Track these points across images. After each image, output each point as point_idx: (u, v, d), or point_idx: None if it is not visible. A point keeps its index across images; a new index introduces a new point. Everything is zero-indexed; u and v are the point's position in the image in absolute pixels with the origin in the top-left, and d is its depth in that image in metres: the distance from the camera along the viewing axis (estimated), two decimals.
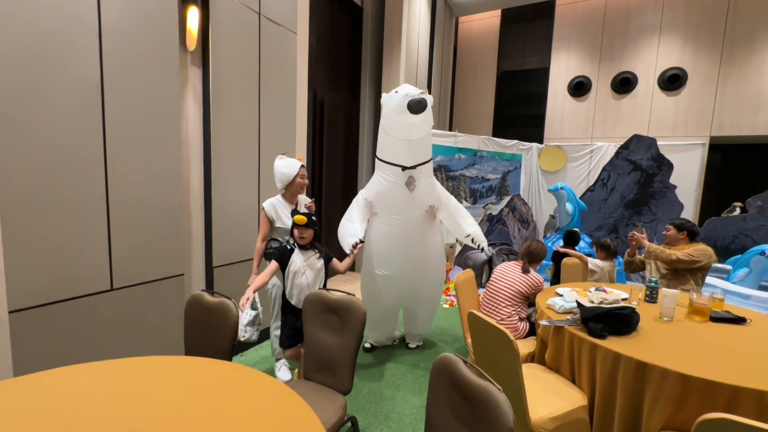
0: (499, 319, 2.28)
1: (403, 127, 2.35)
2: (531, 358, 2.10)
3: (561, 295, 2.05)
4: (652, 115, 5.76)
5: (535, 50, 6.68)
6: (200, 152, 2.45)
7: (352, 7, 4.63)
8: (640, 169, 5.25)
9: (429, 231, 2.64)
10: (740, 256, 4.42)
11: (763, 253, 4.14)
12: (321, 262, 2.07)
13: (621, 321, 1.68)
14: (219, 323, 1.59)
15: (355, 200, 2.68)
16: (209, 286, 2.54)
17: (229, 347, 1.56)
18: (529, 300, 2.34)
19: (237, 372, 1.25)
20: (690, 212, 5.36)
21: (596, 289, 2.09)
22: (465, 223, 2.70)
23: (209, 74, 2.39)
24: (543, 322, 1.86)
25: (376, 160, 2.58)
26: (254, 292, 1.85)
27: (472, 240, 2.64)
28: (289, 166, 2.26)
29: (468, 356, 2.30)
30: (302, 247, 2.02)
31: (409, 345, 2.97)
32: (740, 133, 5.33)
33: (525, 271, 2.35)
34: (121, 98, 1.89)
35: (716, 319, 1.91)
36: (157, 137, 2.07)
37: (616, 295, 2.21)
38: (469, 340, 2.15)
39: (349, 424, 1.58)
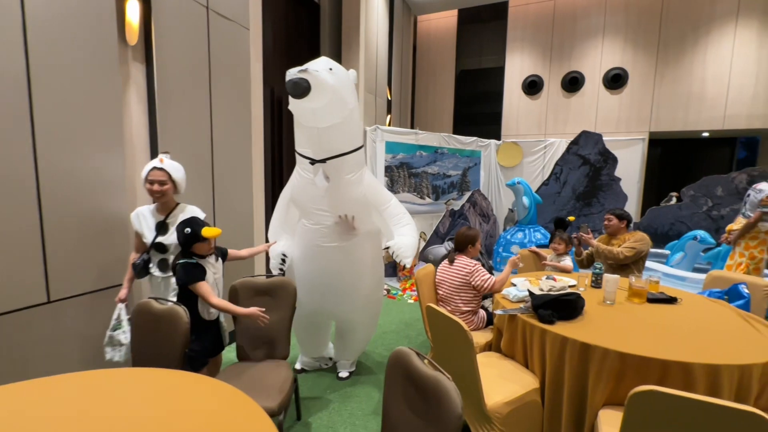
0: (454, 313, 2.35)
1: (303, 111, 1.94)
2: (489, 347, 2.18)
3: (515, 285, 2.14)
4: (598, 113, 6.13)
5: (491, 50, 6.90)
6: (146, 154, 2.33)
7: (309, 3, 4.56)
8: (588, 163, 5.58)
9: (350, 243, 2.18)
10: (677, 241, 4.82)
11: (695, 238, 4.54)
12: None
13: (568, 306, 1.79)
14: (168, 331, 1.52)
15: (281, 196, 2.40)
16: None
17: (180, 354, 1.50)
18: (476, 289, 2.28)
19: (188, 379, 1.21)
20: (633, 203, 5.76)
21: (547, 278, 2.20)
22: (397, 232, 2.21)
23: (153, 70, 2.27)
24: (497, 312, 1.94)
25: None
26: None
27: (393, 253, 2.17)
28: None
29: (430, 350, 2.35)
30: (203, 258, 1.74)
31: (339, 374, 2.47)
32: (675, 129, 5.80)
33: (450, 261, 2.37)
34: (52, 96, 1.75)
35: (652, 300, 2.08)
36: (96, 138, 1.93)
37: (564, 282, 2.34)
38: (431, 334, 2.19)
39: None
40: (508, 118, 6.68)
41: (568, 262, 2.77)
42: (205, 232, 1.65)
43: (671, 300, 2.07)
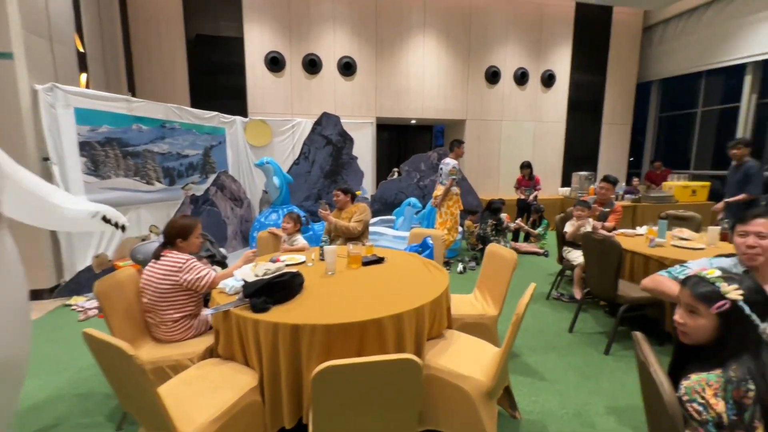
0: (165, 327, 1.88)
1: None
2: (211, 352, 1.85)
3: (234, 276, 1.87)
4: (336, 96, 6.66)
5: (228, 16, 6.24)
6: None
7: None
8: (331, 143, 5.99)
9: None
10: (399, 208, 5.89)
11: (409, 204, 5.66)
12: None
13: (283, 288, 1.67)
14: None
15: None
16: None
17: None
18: (191, 288, 1.89)
19: None
20: (369, 178, 6.67)
21: (272, 260, 2.05)
22: (72, 202, 1.71)
23: None
24: (207, 312, 1.62)
25: None
26: None
27: (106, 220, 1.75)
28: None
29: None
30: None
31: None
32: (393, 115, 7.03)
33: (156, 257, 1.93)
34: None
35: (366, 263, 2.28)
36: None
37: (293, 259, 2.26)
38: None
39: None
40: (255, 95, 6.32)
41: (300, 241, 2.75)
42: None
43: (380, 260, 2.33)
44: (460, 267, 4.64)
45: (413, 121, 7.87)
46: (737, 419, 0.85)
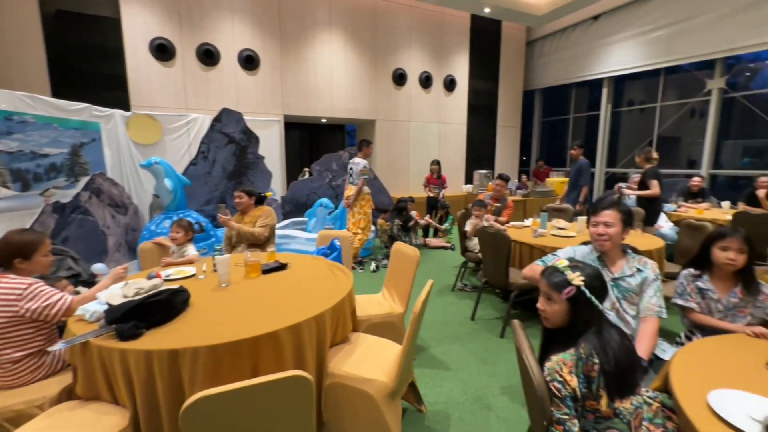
0: (2, 371, 1.51)
1: None
2: (69, 394, 1.53)
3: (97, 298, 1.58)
4: (238, 91, 6.20)
5: None
6: None
7: None
8: (234, 142, 5.55)
9: None
10: (311, 209, 5.73)
11: (321, 205, 5.54)
12: None
13: (159, 308, 1.45)
14: None
15: None
16: None
17: None
18: (39, 319, 1.54)
19: None
20: (278, 179, 6.36)
21: (149, 276, 1.79)
22: None
23: None
24: (55, 348, 1.33)
25: None
26: None
27: None
28: None
29: None
30: None
31: None
32: (302, 114, 6.80)
33: None
34: None
35: (267, 270, 2.13)
36: None
37: (181, 273, 2.02)
38: None
39: None
40: (139, 85, 5.54)
41: (191, 252, 2.45)
42: None
43: (282, 267, 2.20)
44: (373, 266, 4.68)
45: (323, 120, 7.73)
46: (587, 391, 0.97)
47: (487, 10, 7.52)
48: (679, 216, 4.45)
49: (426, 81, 7.92)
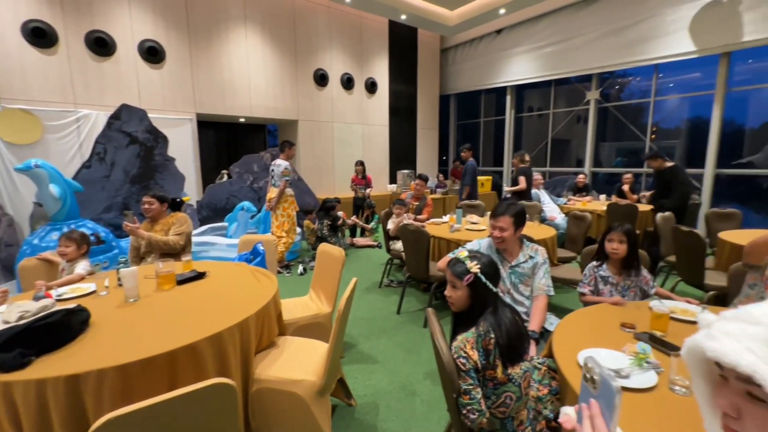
0: None
1: None
2: None
3: None
4: (140, 86, 5.60)
5: None
6: None
7: None
8: (137, 141, 5.02)
9: None
10: (231, 213, 5.44)
11: (243, 208, 5.29)
12: None
13: (51, 332, 1.30)
14: None
15: None
16: None
17: None
18: None
19: None
20: (193, 182, 5.91)
21: (36, 297, 1.57)
22: None
23: None
24: None
25: None
26: None
27: None
28: None
29: None
30: None
31: None
32: (217, 112, 6.39)
33: None
34: None
35: (182, 281, 2.01)
36: None
37: (78, 291, 1.81)
38: None
39: None
40: (10, 75, 4.68)
41: (82, 268, 2.15)
42: None
43: (200, 276, 2.09)
44: (300, 268, 4.62)
45: (242, 120, 7.36)
46: (486, 362, 1.13)
47: (403, 17, 7.85)
48: (569, 208, 5.17)
49: (348, 82, 8.00)
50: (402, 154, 9.31)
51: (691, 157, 6.49)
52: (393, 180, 8.95)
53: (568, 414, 0.61)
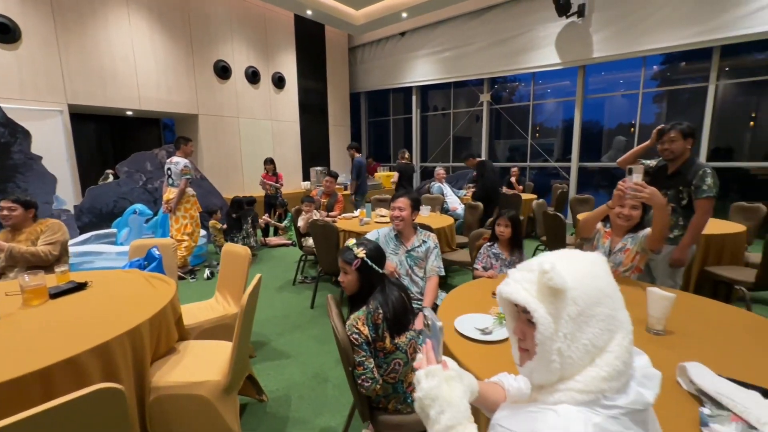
0: None
1: None
2: None
3: None
4: None
5: None
6: None
7: None
8: None
9: None
10: (120, 218, 4.86)
11: (135, 212, 4.77)
12: None
13: None
14: None
15: None
16: None
17: None
18: None
19: None
20: (68, 183, 5.13)
21: None
22: None
23: None
24: None
25: None
26: None
27: None
28: None
29: None
30: None
31: None
32: (96, 104, 5.61)
33: None
34: None
35: (57, 294, 1.80)
36: None
37: None
38: None
39: None
40: None
41: None
42: None
43: (79, 287, 1.89)
44: (207, 273, 4.37)
45: (129, 113, 6.57)
46: (376, 335, 1.28)
47: (309, 12, 7.78)
48: (467, 200, 5.75)
49: (253, 76, 7.66)
50: (315, 151, 9.25)
51: (565, 152, 7.70)
52: (306, 177, 8.86)
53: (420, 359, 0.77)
